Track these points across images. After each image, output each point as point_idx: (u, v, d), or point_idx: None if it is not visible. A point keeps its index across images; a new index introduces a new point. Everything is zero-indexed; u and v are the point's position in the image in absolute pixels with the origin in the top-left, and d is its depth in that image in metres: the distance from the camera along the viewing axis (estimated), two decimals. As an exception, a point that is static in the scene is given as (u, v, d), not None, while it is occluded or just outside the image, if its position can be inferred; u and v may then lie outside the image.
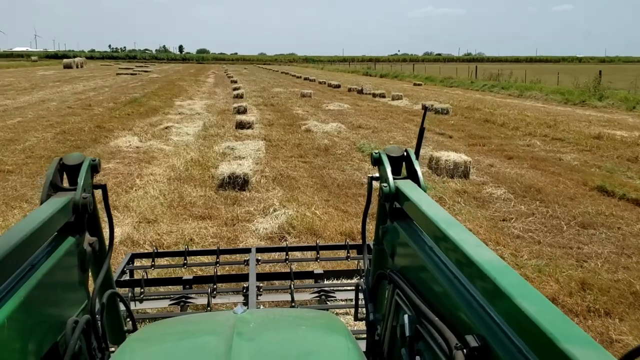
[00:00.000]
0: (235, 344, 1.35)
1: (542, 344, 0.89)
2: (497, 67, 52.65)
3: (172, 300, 3.59)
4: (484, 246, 1.28)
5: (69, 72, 52.53)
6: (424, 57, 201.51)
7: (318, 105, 22.45)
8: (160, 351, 1.54)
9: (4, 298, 1.28)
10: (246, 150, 11.21)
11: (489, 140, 13.37)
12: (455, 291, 1.30)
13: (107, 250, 2.08)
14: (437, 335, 1.29)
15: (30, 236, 1.39)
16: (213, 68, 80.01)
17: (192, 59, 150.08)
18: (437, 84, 41.82)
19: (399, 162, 1.97)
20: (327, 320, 1.80)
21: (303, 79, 47.33)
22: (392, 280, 1.76)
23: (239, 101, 22.83)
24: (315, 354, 1.47)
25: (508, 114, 19.08)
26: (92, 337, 1.72)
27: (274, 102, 23.78)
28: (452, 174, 9.10)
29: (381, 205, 1.98)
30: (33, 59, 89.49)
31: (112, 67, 71.68)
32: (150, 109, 19.65)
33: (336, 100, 24.34)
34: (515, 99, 27.29)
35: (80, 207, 1.75)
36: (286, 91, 31.11)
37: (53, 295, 1.59)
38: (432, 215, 1.49)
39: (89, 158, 1.91)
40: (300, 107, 21.37)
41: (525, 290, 1.03)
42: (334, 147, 12.10)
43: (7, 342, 1.24)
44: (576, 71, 45.75)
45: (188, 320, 2.08)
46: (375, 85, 34.46)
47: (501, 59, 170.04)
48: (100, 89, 29.84)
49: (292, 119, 17.38)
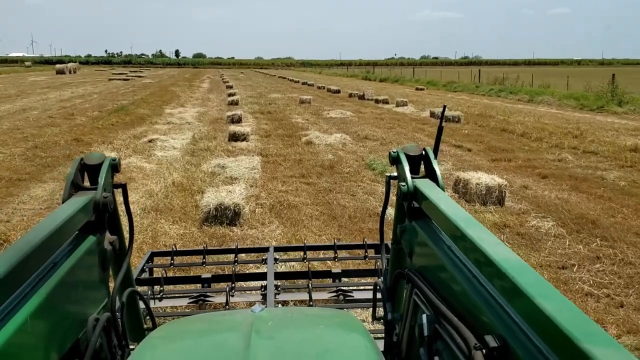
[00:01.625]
0: (253, 342, 1.34)
1: (562, 344, 0.88)
2: (498, 71, 51.37)
3: (191, 298, 3.56)
4: (502, 245, 1.26)
5: (61, 78, 50.94)
6: (421, 61, 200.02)
7: (318, 112, 20.96)
8: (179, 349, 1.53)
9: (26, 296, 1.29)
10: (239, 170, 9.69)
11: (513, 153, 11.88)
12: (474, 290, 1.29)
13: (127, 249, 2.09)
14: (456, 335, 1.27)
15: (52, 235, 1.40)
16: (209, 73, 78.36)
17: (187, 64, 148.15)
18: (440, 88, 40.38)
19: (417, 161, 1.93)
20: (345, 319, 1.81)
21: (301, 84, 45.87)
22: (411, 279, 1.75)
23: (234, 108, 21.34)
24: (333, 353, 1.45)
25: (524, 122, 17.61)
26: (113, 335, 1.71)
27: (272, 109, 22.27)
28: (485, 200, 7.61)
29: (399, 204, 1.95)
30: (27, 65, 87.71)
31: (106, 72, 69.90)
32: (136, 118, 18.12)
33: (337, 107, 22.85)
34: (526, 105, 25.81)
35: (101, 206, 1.76)
36: (284, 97, 29.61)
37: (74, 294, 1.59)
38: (450, 214, 1.47)
39: (109, 158, 1.92)
40: (299, 115, 19.87)
41: (544, 289, 1.02)
42: (340, 164, 10.60)
43: (30, 339, 1.26)
44: (580, 74, 44.51)
45: (207, 318, 2.04)
46: (377, 90, 32.98)
47: (499, 62, 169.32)
48: (88, 96, 28.29)
49: (291, 129, 15.88)
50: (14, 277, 1.23)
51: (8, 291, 1.24)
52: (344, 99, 28.88)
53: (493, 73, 44.93)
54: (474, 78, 44.62)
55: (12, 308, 1.24)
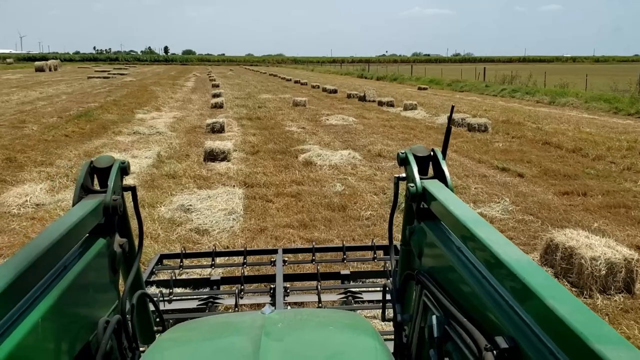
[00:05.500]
0: (263, 344, 1.34)
1: (573, 345, 0.87)
2: (502, 68, 48.58)
3: (201, 300, 3.49)
4: (512, 245, 1.25)
5: (37, 76, 47.43)
6: (414, 58, 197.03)
7: (316, 118, 17.94)
8: (189, 351, 1.53)
9: (38, 298, 1.30)
10: (211, 216, 6.68)
11: (581, 181, 8.94)
12: (484, 291, 1.28)
13: (137, 251, 2.09)
14: (466, 336, 1.26)
15: (62, 238, 1.41)
16: (197, 70, 74.70)
17: (176, 61, 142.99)
18: (444, 87, 37.43)
19: (425, 161, 1.92)
20: (355, 320, 1.80)
21: (293, 82, 42.82)
22: (420, 281, 1.73)
23: (218, 113, 18.32)
24: (343, 355, 1.45)
25: (564, 131, 14.69)
26: (123, 337, 1.70)
27: (261, 113, 19.20)
28: (605, 283, 4.68)
29: (408, 205, 1.95)
30: (8, 62, 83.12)
31: (89, 69, 65.95)
32: (98, 127, 15.01)
33: (337, 111, 19.84)
34: (550, 108, 22.87)
35: (110, 209, 1.75)
36: (275, 98, 26.52)
37: (85, 296, 1.60)
38: (459, 215, 1.46)
39: (118, 160, 1.91)
40: (294, 122, 16.83)
41: (555, 290, 1.01)
42: (354, 201, 7.62)
43: (42, 341, 1.26)
44: (587, 72, 41.90)
45: (217, 320, 2.01)
46: (377, 90, 29.96)
47: (493, 59, 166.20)
48: (56, 97, 25.09)
49: (284, 142, 12.85)
50: (25, 281, 1.23)
51: (19, 294, 1.24)
52: (343, 101, 25.84)
53: (499, 71, 42.12)
54: (478, 76, 41.74)
55: (24, 311, 1.24)
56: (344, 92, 30.18)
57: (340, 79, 54.10)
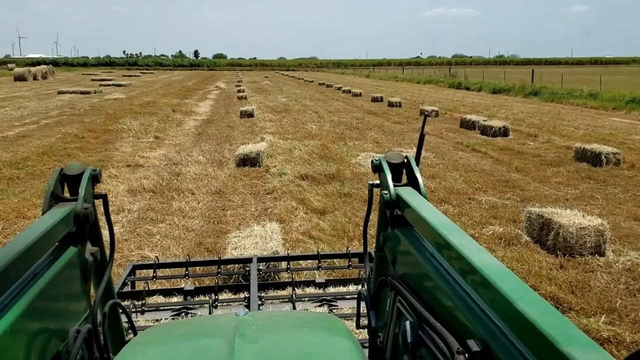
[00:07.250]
0: (237, 346, 1.32)
1: (543, 347, 0.88)
2: (584, 72, 36.29)
3: (174, 311, 3.48)
4: (485, 251, 1.26)
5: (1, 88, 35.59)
6: (455, 60, 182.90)
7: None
8: (161, 354, 1.49)
9: (6, 307, 1.26)
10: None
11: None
12: (456, 296, 1.28)
13: (108, 260, 2.02)
14: (439, 340, 1.26)
15: (32, 246, 1.37)
16: (224, 77, 62.28)
17: (202, 65, 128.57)
18: (576, 103, 25.07)
19: (399, 169, 1.90)
20: (329, 321, 1.77)
21: (352, 96, 31.13)
22: (394, 287, 1.72)
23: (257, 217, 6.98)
24: (317, 355, 1.44)
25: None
26: (94, 347, 1.66)
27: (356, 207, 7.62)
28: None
29: (382, 212, 1.93)
30: (9, 67, 72.81)
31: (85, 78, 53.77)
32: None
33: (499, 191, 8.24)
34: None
35: (81, 218, 1.71)
36: (358, 137, 14.93)
37: (55, 305, 1.57)
38: (432, 221, 1.47)
39: (89, 168, 1.84)
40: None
41: (526, 294, 1.02)
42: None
43: (9, 351, 1.22)
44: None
45: (190, 322, 2.04)
46: (486, 109, 18.07)
47: (541, 61, 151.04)
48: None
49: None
50: None
51: None
52: (470, 135, 14.12)
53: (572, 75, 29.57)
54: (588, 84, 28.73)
55: None
56: (451, 115, 18.49)
57: (407, 86, 42.57)
